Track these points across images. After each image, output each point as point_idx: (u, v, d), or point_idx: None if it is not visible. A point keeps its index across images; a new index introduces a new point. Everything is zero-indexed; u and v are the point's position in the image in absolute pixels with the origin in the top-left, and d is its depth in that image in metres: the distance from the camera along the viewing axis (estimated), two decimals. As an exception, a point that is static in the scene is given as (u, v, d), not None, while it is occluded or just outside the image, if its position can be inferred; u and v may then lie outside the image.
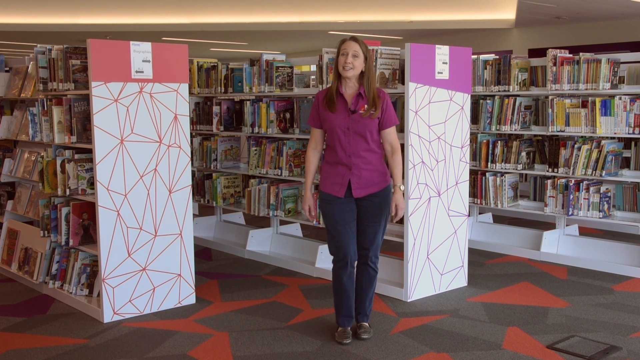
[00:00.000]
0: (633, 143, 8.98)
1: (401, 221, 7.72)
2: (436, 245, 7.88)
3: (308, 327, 6.93)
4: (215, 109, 9.60)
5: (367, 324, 6.62)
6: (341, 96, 6.30)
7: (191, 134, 9.56)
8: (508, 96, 9.42)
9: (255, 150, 9.25)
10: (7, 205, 9.00)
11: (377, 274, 6.59)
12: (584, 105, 8.68)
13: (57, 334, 6.83)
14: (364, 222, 6.41)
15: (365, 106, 6.23)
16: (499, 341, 6.50)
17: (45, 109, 7.50)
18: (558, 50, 8.91)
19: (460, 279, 8.24)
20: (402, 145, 7.38)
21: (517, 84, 9.34)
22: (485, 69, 9.56)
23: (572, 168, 8.78)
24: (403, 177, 7.37)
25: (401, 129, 7.75)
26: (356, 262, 6.54)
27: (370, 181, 6.31)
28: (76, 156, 7.28)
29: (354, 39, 6.24)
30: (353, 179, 6.27)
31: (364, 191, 6.31)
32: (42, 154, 7.65)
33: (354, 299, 6.60)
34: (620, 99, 8.38)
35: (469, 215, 8.75)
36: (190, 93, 9.65)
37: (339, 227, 6.37)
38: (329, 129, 6.32)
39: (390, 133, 6.36)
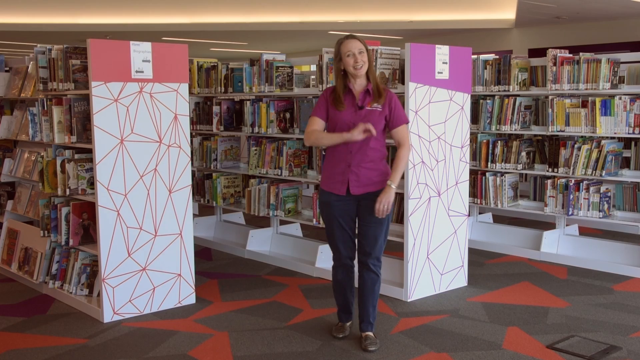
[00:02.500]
0: (633, 143, 8.99)
1: (401, 221, 7.74)
2: (436, 245, 7.88)
3: (308, 327, 6.94)
4: (215, 108, 9.60)
5: (372, 334, 6.50)
6: (350, 93, 6.25)
7: (191, 133, 9.55)
8: (508, 96, 9.42)
9: (255, 150, 9.25)
10: (7, 205, 9.00)
11: (380, 278, 6.49)
12: (584, 105, 8.68)
13: (57, 334, 6.83)
14: (364, 222, 6.33)
15: (371, 102, 6.22)
16: (499, 341, 6.50)
17: (45, 108, 7.50)
18: (558, 50, 8.91)
19: (460, 279, 8.24)
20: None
21: (517, 84, 9.34)
22: (485, 68, 9.56)
23: (572, 168, 8.78)
24: (403, 177, 7.40)
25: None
26: (357, 266, 6.54)
27: (369, 179, 6.23)
28: (76, 156, 7.28)
29: (352, 36, 6.20)
30: (351, 177, 6.20)
31: (363, 189, 6.23)
32: (42, 154, 7.64)
33: (350, 295, 6.66)
34: (620, 98, 8.37)
35: (468, 215, 8.75)
36: (190, 93, 9.64)
37: (336, 228, 6.38)
38: (334, 124, 6.26)
39: (399, 131, 6.28)
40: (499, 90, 9.46)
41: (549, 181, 9.10)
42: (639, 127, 8.27)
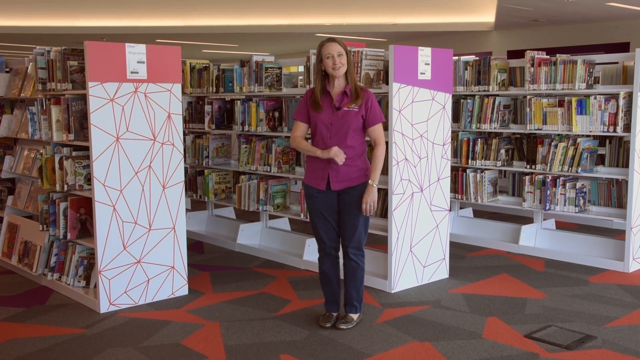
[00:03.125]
0: (608, 141, 9.00)
1: (385, 215, 7.75)
2: (419, 238, 7.88)
3: (296, 317, 6.94)
4: (207, 108, 9.59)
5: (352, 316, 6.65)
6: (327, 94, 6.41)
7: (184, 132, 9.56)
8: (488, 96, 9.43)
9: (246, 147, 9.24)
10: (7, 200, 8.99)
11: (361, 267, 6.64)
12: (560, 104, 8.70)
13: (56, 324, 6.81)
14: (343, 215, 6.49)
15: (349, 103, 6.35)
16: (479, 331, 6.52)
17: (44, 108, 7.48)
18: (536, 52, 8.92)
19: (441, 271, 8.24)
20: (388, 145, 7.39)
21: (496, 84, 9.35)
22: (466, 69, 9.57)
23: (549, 165, 8.80)
24: (387, 174, 7.41)
25: (385, 127, 7.78)
26: (341, 254, 6.72)
27: (348, 175, 6.39)
28: (74, 153, 7.27)
29: (332, 40, 6.32)
30: (331, 173, 6.37)
31: (342, 184, 6.40)
32: (41, 151, 7.62)
33: (336, 286, 6.76)
34: (595, 98, 8.39)
35: (450, 210, 8.76)
36: (183, 93, 9.61)
37: (318, 220, 6.55)
38: (314, 125, 6.44)
39: (374, 130, 6.41)
40: (479, 90, 9.47)
41: (527, 177, 9.11)
42: (613, 125, 8.30)
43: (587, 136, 8.83)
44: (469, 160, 9.62)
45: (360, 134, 6.43)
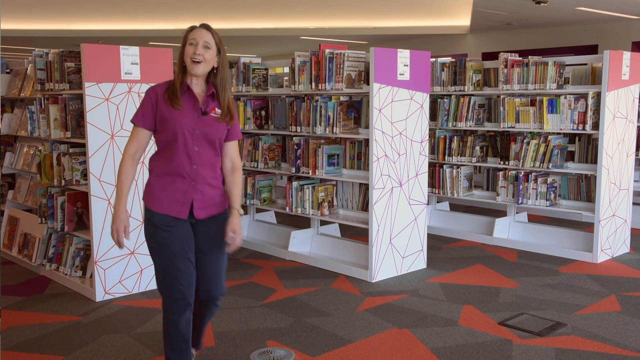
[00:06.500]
0: (577, 138, 9.03)
1: (366, 209, 7.75)
2: (398, 231, 7.89)
3: (281, 306, 6.93)
4: (198, 107, 9.55)
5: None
6: (189, 92, 4.61)
7: (176, 129, 9.51)
8: (463, 95, 9.45)
9: (234, 144, 9.21)
10: (8, 194, 8.97)
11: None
12: (532, 103, 8.71)
13: (54, 312, 6.80)
14: (205, 252, 4.76)
15: (218, 110, 4.62)
16: (455, 318, 6.53)
17: (43, 107, 7.47)
18: (509, 54, 8.94)
19: (420, 262, 8.25)
20: (369, 142, 7.39)
21: (471, 85, 9.37)
22: (443, 70, 9.58)
23: (521, 161, 8.82)
24: (367, 169, 7.39)
25: (366, 126, 7.79)
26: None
27: (213, 200, 4.70)
28: (71, 150, 7.25)
29: (205, 26, 4.63)
30: (196, 196, 4.63)
31: (207, 212, 4.70)
32: (39, 148, 7.62)
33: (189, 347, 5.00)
34: (565, 98, 8.41)
35: (427, 204, 8.77)
36: (175, 92, 9.59)
37: (178, 261, 4.65)
38: (172, 130, 4.57)
39: (233, 147, 4.80)
40: (455, 90, 9.48)
41: (501, 173, 9.13)
42: (583, 123, 8.32)
43: (558, 134, 8.85)
44: (446, 156, 9.62)
45: (219, 149, 4.74)
